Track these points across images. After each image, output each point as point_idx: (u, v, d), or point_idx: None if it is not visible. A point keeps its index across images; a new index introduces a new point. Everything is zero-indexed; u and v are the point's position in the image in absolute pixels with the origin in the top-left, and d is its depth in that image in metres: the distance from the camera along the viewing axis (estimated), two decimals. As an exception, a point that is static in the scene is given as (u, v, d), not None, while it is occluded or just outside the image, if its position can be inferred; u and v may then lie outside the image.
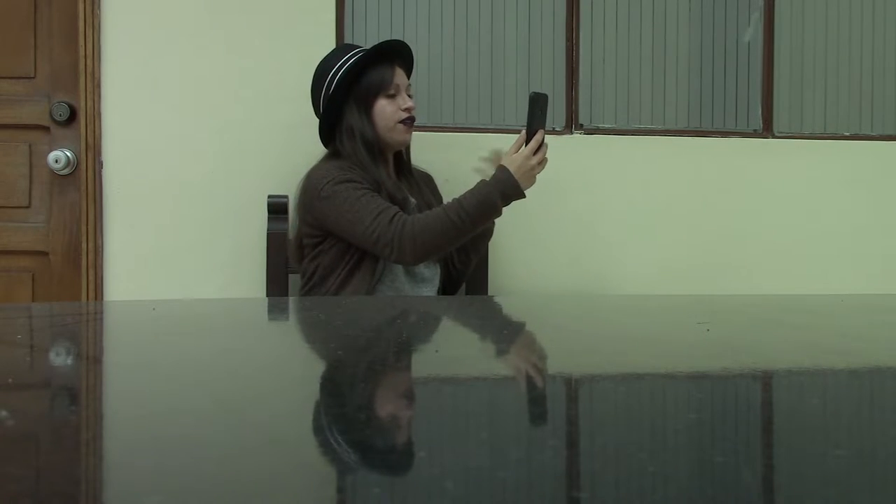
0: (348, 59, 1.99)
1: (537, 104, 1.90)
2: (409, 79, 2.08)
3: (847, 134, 2.51)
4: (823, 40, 2.51)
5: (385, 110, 1.99)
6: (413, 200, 2.04)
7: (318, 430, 0.50)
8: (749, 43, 2.48)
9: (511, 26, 2.39)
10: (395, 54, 2.03)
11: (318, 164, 2.00)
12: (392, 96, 2.00)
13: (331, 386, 0.65)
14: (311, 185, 1.94)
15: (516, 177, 1.88)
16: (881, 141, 2.51)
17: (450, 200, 1.92)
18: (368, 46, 2.05)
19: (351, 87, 1.98)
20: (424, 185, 2.15)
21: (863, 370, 0.70)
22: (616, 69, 2.43)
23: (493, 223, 2.09)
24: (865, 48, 2.52)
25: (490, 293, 2.28)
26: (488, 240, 2.14)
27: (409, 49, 2.06)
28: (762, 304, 1.24)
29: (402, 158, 2.10)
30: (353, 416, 0.52)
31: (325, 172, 1.94)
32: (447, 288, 2.17)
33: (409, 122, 2.01)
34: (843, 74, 2.51)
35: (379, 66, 1.99)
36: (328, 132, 2.03)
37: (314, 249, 1.99)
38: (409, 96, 2.04)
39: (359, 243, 1.91)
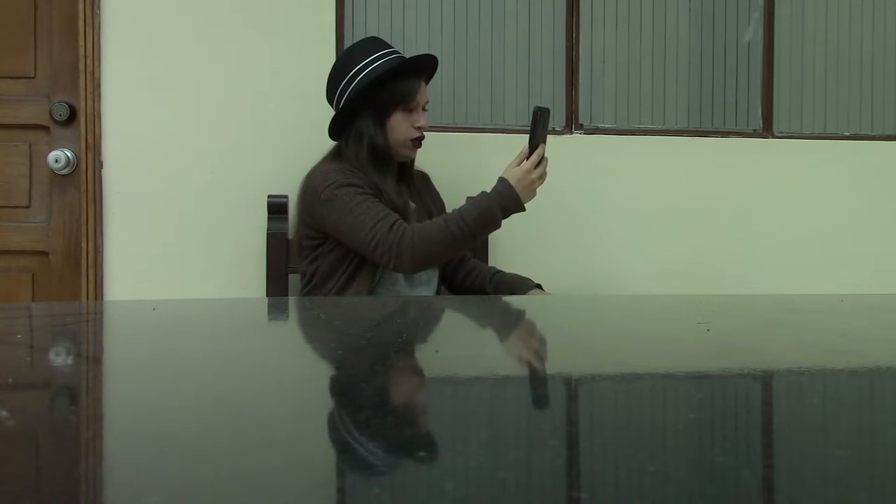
0: (375, 61, 1.95)
1: (540, 118, 1.90)
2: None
3: (847, 134, 2.51)
4: (823, 40, 2.51)
5: (401, 125, 1.98)
6: (413, 206, 2.03)
7: (317, 429, 0.50)
8: (749, 43, 2.48)
9: (511, 26, 2.39)
10: (423, 68, 2.02)
11: (319, 165, 1.99)
12: (410, 111, 1.99)
13: (330, 386, 0.65)
14: (312, 187, 1.94)
15: (517, 189, 1.87)
16: (881, 141, 2.51)
17: (451, 211, 1.92)
18: (397, 48, 2.03)
19: (372, 92, 1.95)
20: (423, 186, 2.14)
21: (863, 370, 0.70)
22: (616, 69, 2.43)
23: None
24: (865, 48, 2.52)
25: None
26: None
27: (437, 62, 2.04)
28: (762, 304, 1.24)
29: (405, 164, 2.10)
30: (353, 416, 0.52)
31: (326, 175, 1.93)
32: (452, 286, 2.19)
33: (417, 143, 2.01)
34: (843, 74, 2.51)
35: (407, 78, 1.97)
36: (338, 128, 2.02)
37: (314, 251, 1.98)
38: (424, 111, 2.03)
39: (357, 249, 1.90)
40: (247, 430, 0.47)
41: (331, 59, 2.26)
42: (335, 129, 2.02)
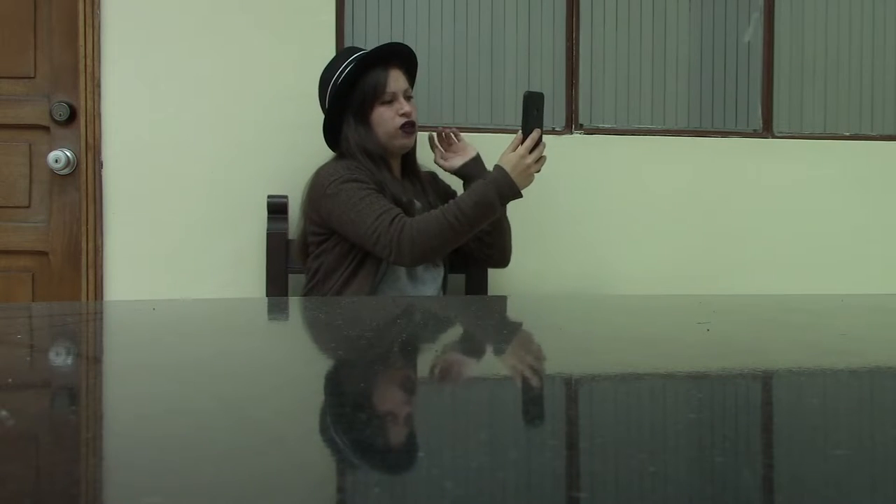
0: (346, 68, 1.99)
1: (532, 103, 1.90)
2: (411, 79, 2.07)
3: (847, 134, 2.51)
4: (823, 40, 2.51)
5: (383, 117, 1.99)
6: (418, 204, 2.04)
7: (318, 430, 0.50)
8: (749, 43, 2.48)
9: (511, 26, 2.39)
10: (391, 57, 2.02)
11: (327, 163, 2.02)
12: (389, 102, 2.00)
13: (331, 386, 0.65)
14: (319, 183, 1.96)
15: (512, 176, 1.88)
16: (881, 141, 2.51)
17: (448, 202, 1.93)
18: (370, 49, 2.05)
19: (347, 97, 1.99)
20: (429, 185, 2.15)
21: (863, 370, 0.70)
22: (616, 69, 2.43)
23: (508, 221, 2.09)
24: (865, 48, 2.52)
25: (490, 293, 2.28)
26: (505, 234, 2.13)
27: (408, 49, 2.04)
28: (762, 304, 1.24)
29: (408, 160, 2.11)
30: (353, 416, 0.52)
31: (333, 170, 1.96)
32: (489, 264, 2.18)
33: (407, 128, 2.01)
34: (843, 74, 2.51)
35: (372, 72, 1.98)
36: (333, 138, 2.04)
37: (318, 247, 2.00)
38: (408, 99, 2.03)
39: (359, 243, 1.92)
40: (247, 430, 0.47)
41: (331, 58, 2.27)
42: (332, 141, 2.05)
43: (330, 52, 2.25)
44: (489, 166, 1.99)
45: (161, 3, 2.23)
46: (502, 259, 2.16)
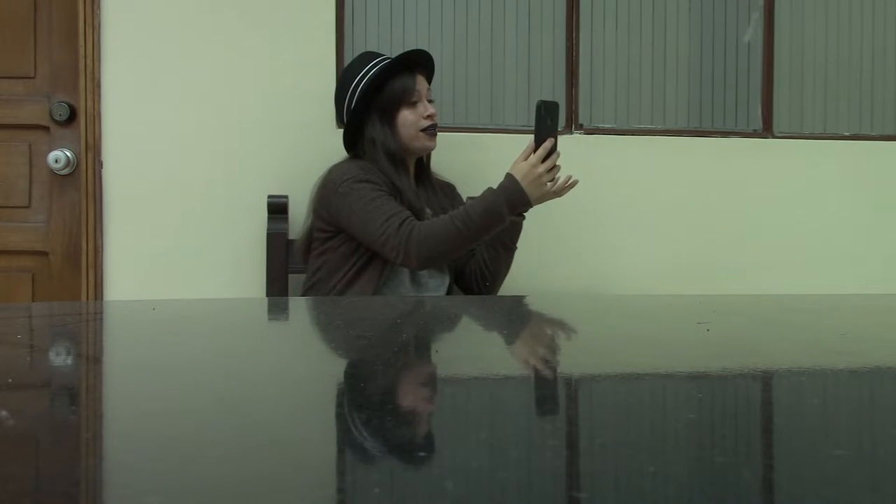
0: (370, 71, 2.00)
1: (547, 112, 1.90)
2: (429, 85, 2.08)
3: (847, 134, 2.51)
4: (823, 40, 2.51)
5: (407, 119, 2.01)
6: (429, 211, 2.04)
7: (317, 429, 0.50)
8: (749, 43, 2.48)
9: (511, 26, 2.39)
10: (416, 63, 2.04)
11: (341, 162, 2.03)
12: (414, 104, 2.01)
13: (330, 386, 0.65)
14: (331, 180, 1.97)
15: (522, 185, 1.88)
16: (881, 141, 2.51)
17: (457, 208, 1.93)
18: (390, 54, 2.06)
19: (373, 99, 2.00)
20: (444, 194, 2.15)
21: (863, 370, 0.70)
22: (616, 69, 2.43)
23: (517, 237, 2.09)
24: (865, 48, 2.52)
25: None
26: (511, 253, 2.12)
27: (431, 57, 2.07)
28: (762, 304, 1.24)
29: (422, 166, 2.11)
30: (353, 416, 0.52)
31: (346, 170, 1.97)
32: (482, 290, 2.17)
33: (430, 130, 2.02)
34: (843, 74, 2.51)
35: (400, 75, 2.01)
36: (351, 141, 2.04)
37: (323, 245, 2.00)
38: (430, 102, 2.05)
39: (367, 243, 1.93)
40: (247, 430, 0.47)
41: (331, 59, 2.27)
42: (349, 144, 2.05)
43: (330, 52, 2.25)
44: (493, 176, 1.97)
45: (161, 3, 2.23)
46: (495, 279, 2.13)
